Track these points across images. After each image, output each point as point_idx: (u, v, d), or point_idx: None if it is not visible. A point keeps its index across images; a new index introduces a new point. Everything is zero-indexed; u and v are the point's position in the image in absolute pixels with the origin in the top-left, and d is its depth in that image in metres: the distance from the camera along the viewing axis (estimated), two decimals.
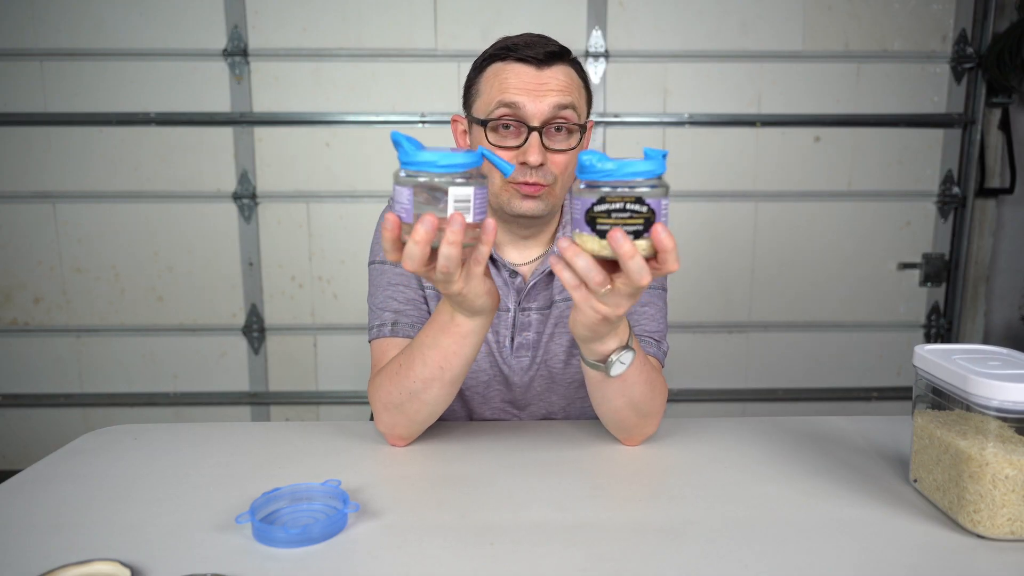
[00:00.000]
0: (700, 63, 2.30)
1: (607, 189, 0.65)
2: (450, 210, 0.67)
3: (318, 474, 0.86)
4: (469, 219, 0.68)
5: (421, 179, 0.67)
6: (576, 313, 0.74)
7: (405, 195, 0.68)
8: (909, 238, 2.41)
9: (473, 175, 0.68)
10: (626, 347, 0.81)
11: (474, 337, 0.84)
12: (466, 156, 0.67)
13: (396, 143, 0.68)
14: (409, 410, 0.90)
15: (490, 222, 0.70)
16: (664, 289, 1.06)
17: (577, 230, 0.68)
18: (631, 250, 0.65)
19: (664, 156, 0.66)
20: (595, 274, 0.67)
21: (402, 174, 0.68)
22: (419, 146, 0.68)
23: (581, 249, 0.67)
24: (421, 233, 0.67)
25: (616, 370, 0.81)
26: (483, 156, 0.70)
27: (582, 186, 0.67)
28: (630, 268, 0.66)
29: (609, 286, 0.69)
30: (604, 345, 0.80)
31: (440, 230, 0.68)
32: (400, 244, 0.70)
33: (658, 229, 0.65)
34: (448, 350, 0.84)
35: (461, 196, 0.67)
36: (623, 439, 0.96)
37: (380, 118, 2.29)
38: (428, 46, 2.26)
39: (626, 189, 0.65)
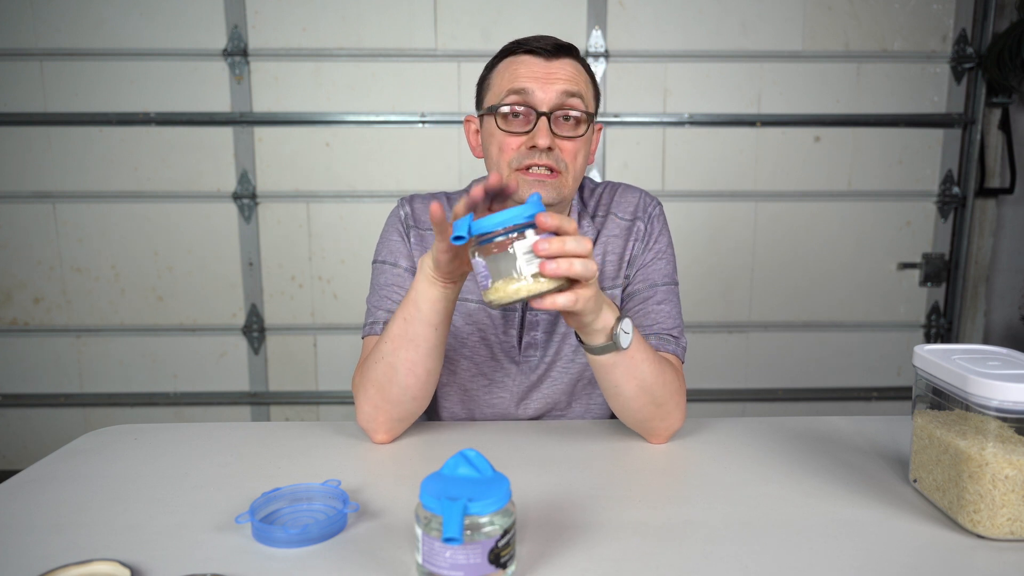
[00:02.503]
0: (700, 63, 2.30)
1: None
2: (521, 262, 0.71)
3: (318, 474, 0.86)
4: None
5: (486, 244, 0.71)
6: (572, 312, 0.78)
7: (480, 266, 0.72)
8: (909, 238, 2.42)
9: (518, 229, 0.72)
10: (620, 316, 0.83)
11: (423, 286, 0.85)
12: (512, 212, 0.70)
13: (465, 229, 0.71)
14: (383, 382, 0.91)
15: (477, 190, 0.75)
16: (676, 283, 1.07)
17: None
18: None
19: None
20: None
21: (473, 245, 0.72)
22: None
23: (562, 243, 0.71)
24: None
25: (625, 340, 0.84)
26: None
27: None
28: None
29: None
30: (604, 319, 0.82)
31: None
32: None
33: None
34: (408, 296, 0.88)
35: (525, 248, 0.71)
36: (648, 436, 0.97)
37: (380, 118, 2.29)
38: (428, 46, 2.26)
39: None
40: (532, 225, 0.70)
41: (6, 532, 0.73)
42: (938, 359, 0.76)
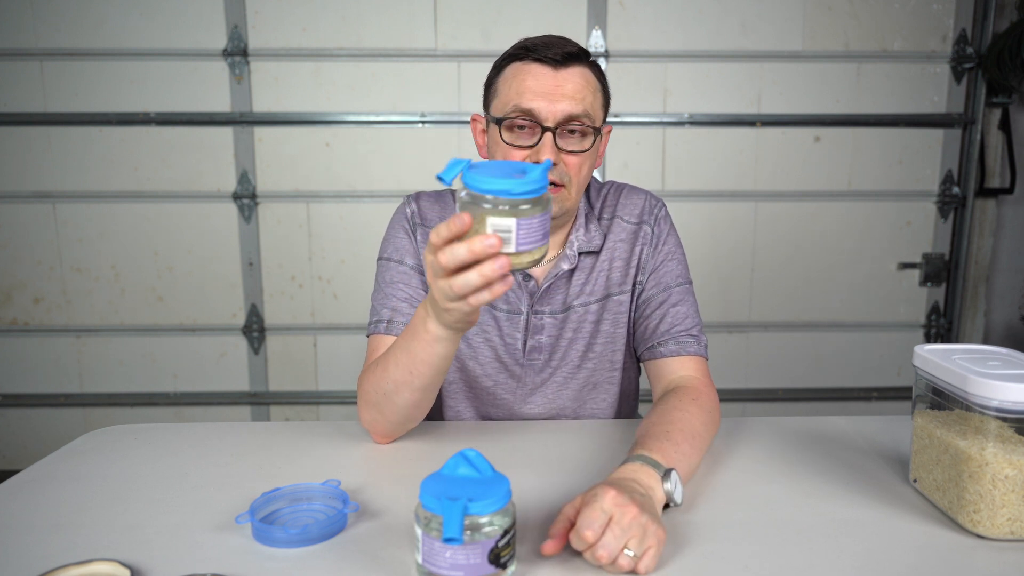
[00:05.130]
0: (700, 63, 2.30)
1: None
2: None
3: (318, 474, 0.86)
4: (510, 248, 0.66)
5: (474, 203, 0.66)
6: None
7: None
8: (909, 238, 2.41)
9: (519, 204, 0.65)
10: (664, 475, 0.75)
11: (441, 346, 0.80)
12: (520, 184, 0.65)
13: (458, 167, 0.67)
14: (385, 410, 0.91)
15: (510, 279, 0.68)
16: (689, 282, 1.07)
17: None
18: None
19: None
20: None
21: (462, 194, 0.68)
22: (484, 169, 0.67)
23: None
24: (446, 230, 0.67)
25: (680, 496, 0.75)
26: (543, 184, 0.66)
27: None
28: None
29: (632, 553, 0.65)
30: (656, 493, 0.73)
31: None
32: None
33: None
34: (417, 356, 0.83)
35: (501, 226, 0.65)
36: None
37: (380, 118, 2.29)
38: (428, 46, 2.26)
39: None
40: (523, 201, 0.66)
41: (6, 532, 0.73)
42: (938, 359, 0.76)
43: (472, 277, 0.67)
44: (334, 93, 2.28)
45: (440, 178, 0.67)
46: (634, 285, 1.07)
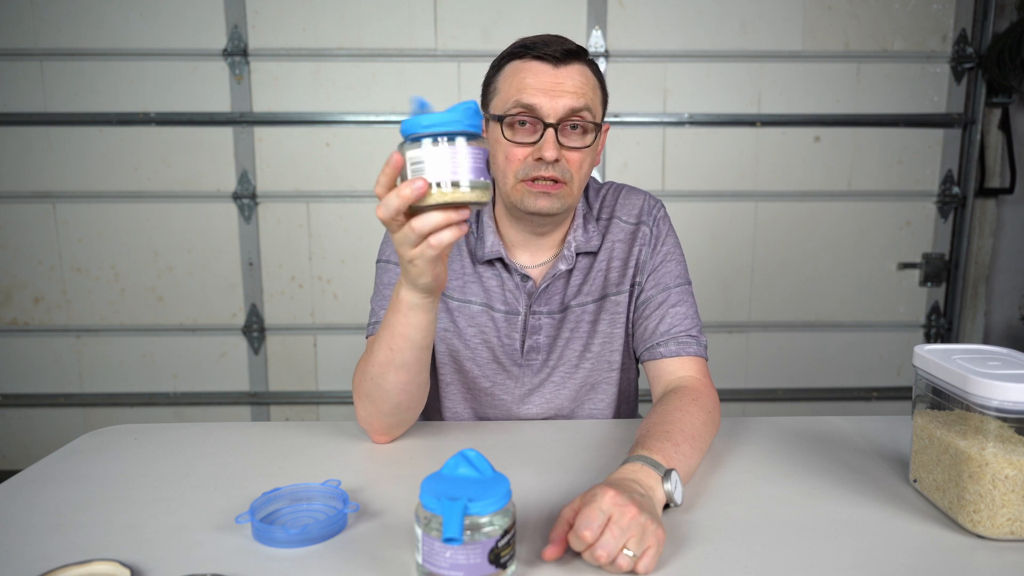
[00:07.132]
0: (700, 63, 2.30)
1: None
2: (409, 172, 0.69)
3: (318, 474, 0.86)
4: (430, 179, 0.68)
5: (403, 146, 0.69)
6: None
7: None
8: (909, 238, 2.42)
9: (427, 136, 0.67)
10: (664, 475, 0.75)
11: (415, 315, 0.82)
12: (433, 118, 0.66)
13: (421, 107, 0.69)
14: (376, 398, 0.91)
15: (456, 215, 0.71)
16: (688, 283, 1.07)
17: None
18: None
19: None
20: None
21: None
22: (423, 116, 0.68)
23: None
24: (387, 170, 0.70)
25: (680, 496, 0.75)
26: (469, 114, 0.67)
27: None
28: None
29: (631, 553, 0.64)
30: (657, 493, 0.73)
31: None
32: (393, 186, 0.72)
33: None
34: (395, 330, 0.85)
35: (413, 158, 0.68)
36: None
37: (380, 118, 2.29)
38: (428, 46, 2.26)
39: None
40: (460, 134, 0.67)
41: (6, 532, 0.73)
42: (938, 359, 0.76)
43: (432, 217, 0.70)
44: (334, 93, 2.28)
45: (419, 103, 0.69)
46: (632, 286, 1.07)
